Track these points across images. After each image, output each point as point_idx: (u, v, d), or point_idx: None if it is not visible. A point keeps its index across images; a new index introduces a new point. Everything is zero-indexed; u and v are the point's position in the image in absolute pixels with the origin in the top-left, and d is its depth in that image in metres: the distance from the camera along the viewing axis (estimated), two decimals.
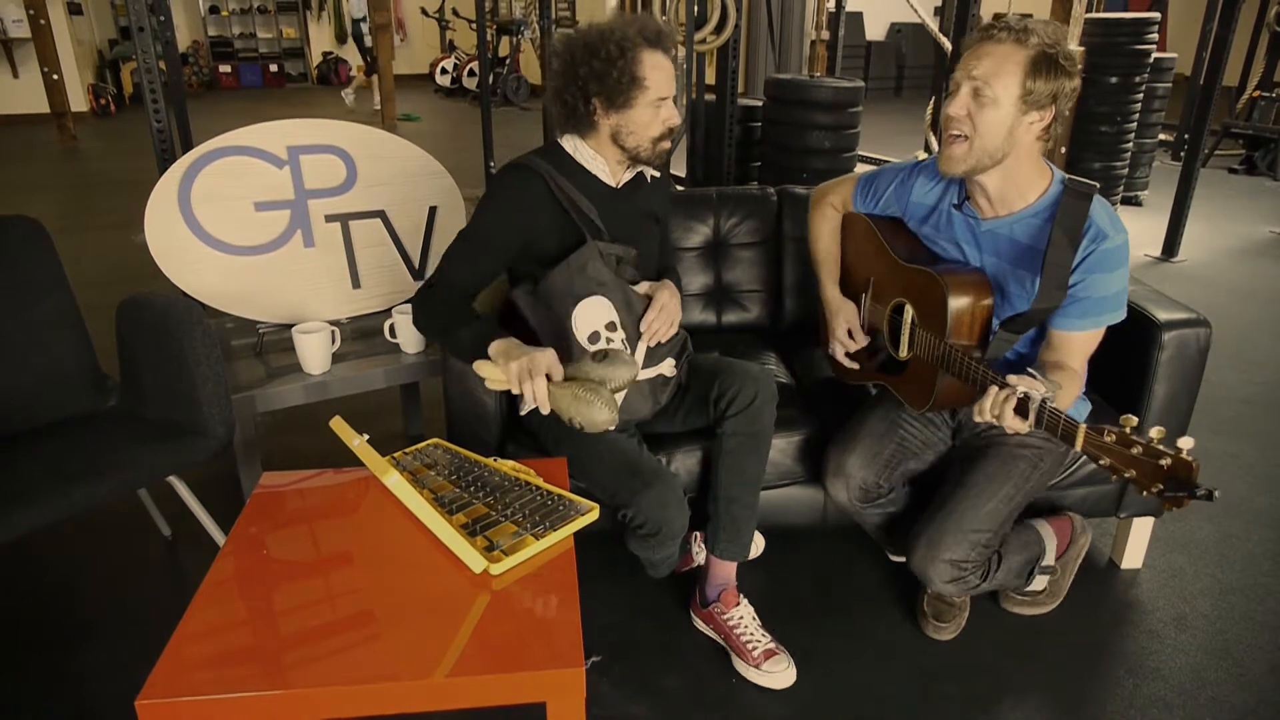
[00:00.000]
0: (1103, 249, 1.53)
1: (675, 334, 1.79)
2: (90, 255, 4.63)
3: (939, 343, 1.60)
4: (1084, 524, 1.99)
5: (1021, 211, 1.62)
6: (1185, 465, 1.17)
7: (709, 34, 4.61)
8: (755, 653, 1.76)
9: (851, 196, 1.91)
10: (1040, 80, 1.48)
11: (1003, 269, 1.66)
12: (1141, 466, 1.21)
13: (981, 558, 1.70)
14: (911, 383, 1.74)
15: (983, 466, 1.72)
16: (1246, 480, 2.53)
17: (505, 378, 1.54)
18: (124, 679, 1.70)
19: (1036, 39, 1.47)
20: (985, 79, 1.49)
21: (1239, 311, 3.97)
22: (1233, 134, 7.15)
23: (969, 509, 1.67)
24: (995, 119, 1.51)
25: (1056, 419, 1.33)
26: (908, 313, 1.72)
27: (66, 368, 1.99)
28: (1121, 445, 1.24)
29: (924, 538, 1.69)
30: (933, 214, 1.76)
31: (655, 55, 1.63)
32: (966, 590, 1.74)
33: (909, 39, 11.97)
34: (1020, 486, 1.71)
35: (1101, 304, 1.56)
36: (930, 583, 1.72)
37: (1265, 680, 1.79)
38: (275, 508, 1.45)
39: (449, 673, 1.08)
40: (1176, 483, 1.18)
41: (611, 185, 1.78)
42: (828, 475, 1.84)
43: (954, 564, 1.67)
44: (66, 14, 9.22)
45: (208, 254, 2.16)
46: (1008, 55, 1.48)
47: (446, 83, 11.47)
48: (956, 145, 1.56)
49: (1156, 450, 1.20)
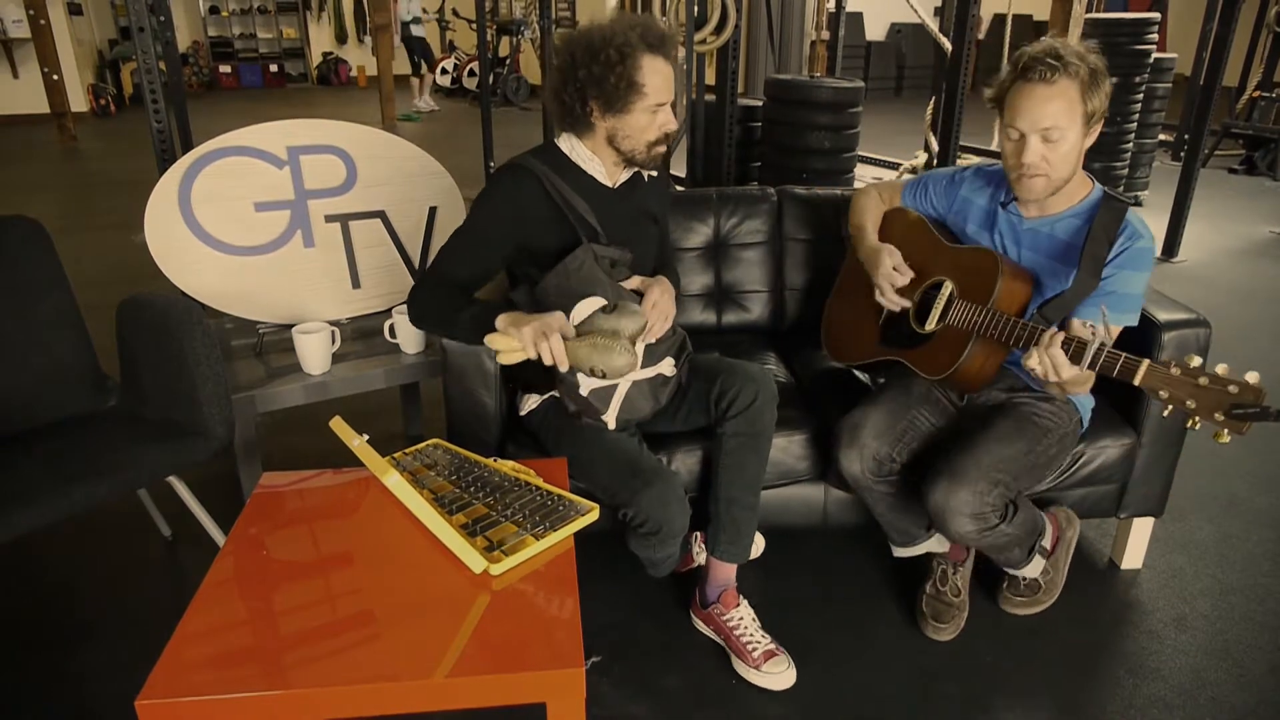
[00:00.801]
0: (1136, 247, 1.63)
1: (673, 333, 1.79)
2: (90, 255, 4.63)
3: (980, 310, 1.66)
4: (1070, 515, 2.00)
5: (1064, 212, 1.71)
6: (1254, 390, 1.29)
7: (709, 34, 4.61)
8: (755, 654, 1.76)
9: (899, 195, 1.98)
10: (1094, 99, 1.58)
11: (1041, 264, 1.74)
12: (1206, 395, 1.32)
13: (1000, 500, 1.67)
14: (931, 353, 1.77)
15: (1001, 420, 1.76)
16: (1246, 480, 2.53)
17: (518, 344, 1.55)
18: (124, 679, 1.69)
19: (1076, 65, 1.55)
20: (1056, 122, 1.57)
21: (1239, 312, 3.97)
22: (1233, 134, 7.15)
23: (990, 450, 1.69)
24: (1067, 151, 1.61)
25: (1115, 358, 1.42)
26: (946, 287, 1.77)
27: (66, 368, 1.99)
28: (1187, 377, 1.34)
29: (945, 472, 1.67)
30: (980, 211, 1.83)
31: (655, 60, 1.63)
32: (984, 530, 1.67)
33: (909, 39, 11.98)
34: (1033, 446, 1.73)
35: (1125, 301, 1.63)
36: (950, 520, 1.66)
37: (1265, 681, 1.79)
38: (275, 508, 1.45)
39: (449, 673, 1.08)
40: (1244, 407, 1.29)
41: (608, 186, 1.77)
42: (841, 446, 1.80)
43: (977, 495, 1.63)
44: (66, 14, 9.22)
45: (208, 254, 2.16)
46: (1066, 93, 1.56)
47: (447, 83, 11.48)
48: (1039, 182, 1.64)
49: (1224, 379, 1.31)
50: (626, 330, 1.56)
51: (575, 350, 1.53)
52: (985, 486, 1.64)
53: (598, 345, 1.51)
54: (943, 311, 1.77)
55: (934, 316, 1.78)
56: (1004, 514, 1.69)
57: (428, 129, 9.10)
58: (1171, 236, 4.75)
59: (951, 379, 1.72)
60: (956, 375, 1.71)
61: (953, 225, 1.90)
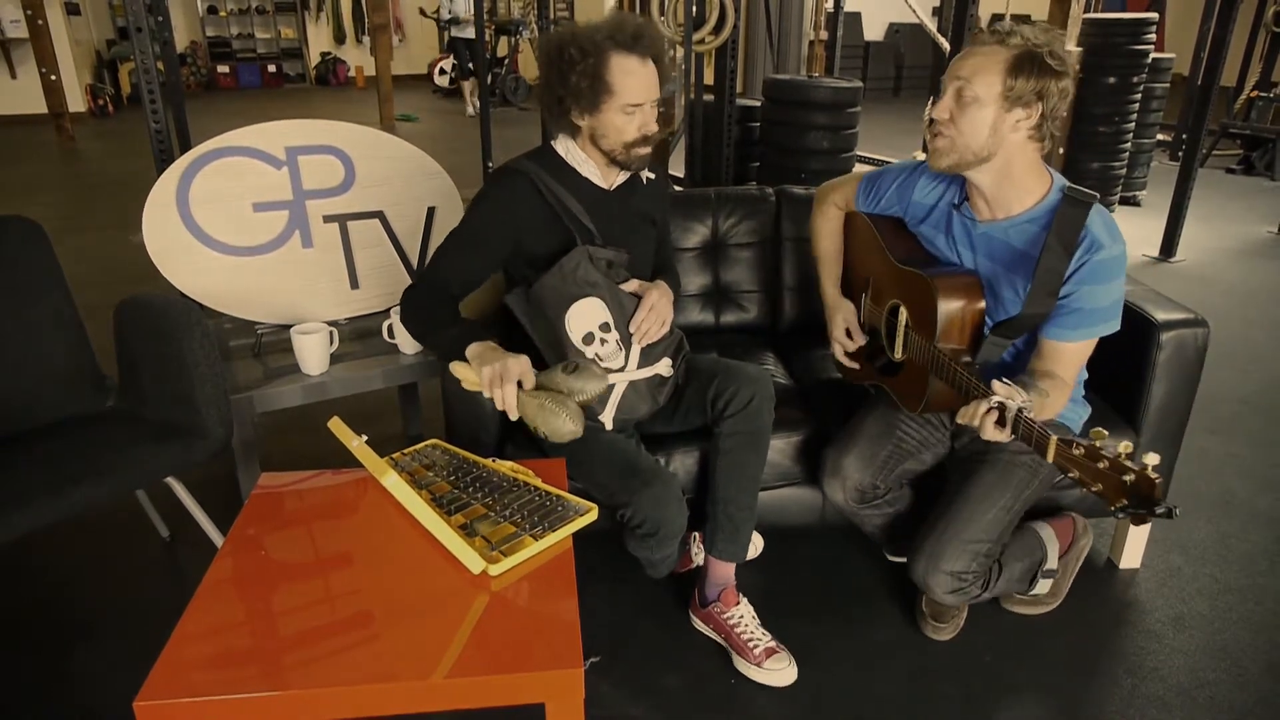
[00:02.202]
0: (1097, 259, 1.52)
1: (670, 334, 1.79)
2: (88, 256, 4.63)
3: (929, 346, 1.61)
4: (1086, 524, 1.99)
5: (1018, 216, 1.61)
6: (1148, 481, 1.16)
7: (707, 34, 4.61)
8: (756, 651, 1.76)
9: (854, 196, 1.91)
10: (1022, 78, 1.49)
11: (996, 272, 1.65)
12: (1107, 481, 1.20)
13: (982, 568, 1.71)
14: (906, 384, 1.75)
15: (981, 477, 1.72)
16: (1244, 480, 2.53)
17: (478, 380, 1.55)
18: (122, 680, 1.69)
19: (1020, 39, 1.50)
20: (967, 78, 1.52)
21: (1237, 311, 3.98)
22: (1230, 134, 7.15)
23: (968, 521, 1.68)
24: (977, 117, 1.52)
25: (1031, 429, 1.33)
26: (902, 314, 1.73)
27: (65, 368, 1.99)
28: (1090, 459, 1.23)
29: (924, 551, 1.70)
30: (931, 213, 1.76)
31: (628, 59, 1.60)
32: (967, 600, 1.77)
33: (907, 39, 11.97)
34: (1019, 495, 1.71)
35: (1094, 315, 1.55)
36: (931, 593, 1.73)
37: (1263, 680, 1.79)
38: (274, 509, 1.45)
39: (448, 674, 1.08)
40: (1139, 498, 1.17)
41: (604, 188, 1.77)
42: (825, 476, 1.85)
43: (955, 575, 1.68)
44: (64, 14, 9.21)
45: (206, 254, 2.16)
46: (989, 54, 1.51)
47: (445, 83, 11.47)
48: (940, 140, 1.58)
49: (1121, 465, 1.18)
50: (583, 394, 1.53)
51: (525, 404, 1.52)
52: (965, 562, 1.68)
53: (545, 407, 1.49)
54: (904, 342, 1.73)
55: (898, 345, 1.75)
56: (985, 582, 1.75)
57: (426, 129, 9.09)
58: (1169, 236, 4.76)
59: (927, 410, 1.69)
60: (930, 408, 1.68)
61: (911, 227, 1.82)
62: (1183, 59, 7.03)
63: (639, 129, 1.66)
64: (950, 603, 1.79)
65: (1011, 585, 1.85)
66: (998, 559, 1.77)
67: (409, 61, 13.02)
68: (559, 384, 1.54)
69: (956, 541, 1.67)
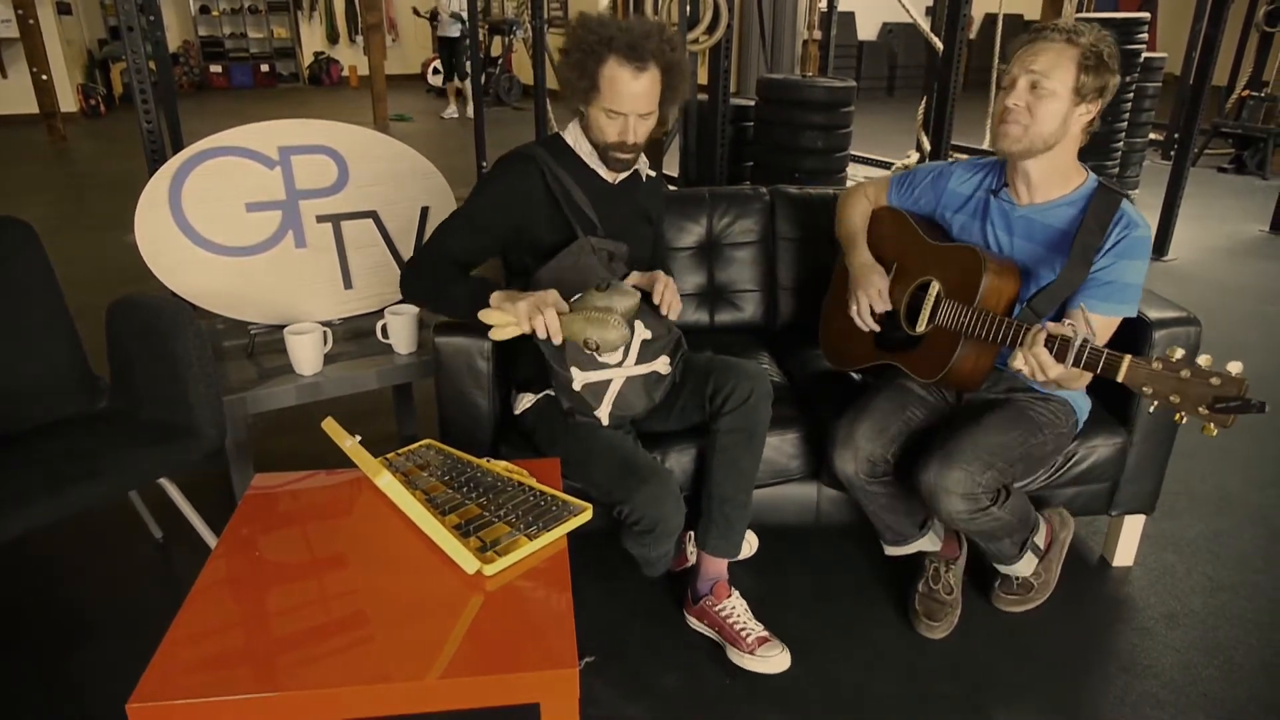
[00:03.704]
0: (1133, 236, 1.63)
1: (668, 332, 1.79)
2: (80, 256, 4.61)
3: (968, 310, 1.66)
4: (1063, 518, 2.00)
5: (1057, 200, 1.72)
6: (1236, 382, 1.28)
7: (701, 34, 4.61)
8: (749, 639, 1.77)
9: (886, 191, 1.98)
10: (1090, 75, 1.61)
11: (1034, 252, 1.73)
12: (1189, 388, 1.31)
13: (993, 483, 1.67)
14: (924, 355, 1.77)
15: (997, 411, 1.77)
16: (1238, 477, 2.54)
17: (513, 319, 1.56)
18: (115, 682, 1.69)
19: (1085, 39, 1.61)
20: (1044, 72, 1.61)
21: (1229, 310, 3.99)
22: (1222, 133, 7.18)
23: (985, 435, 1.70)
24: (1052, 109, 1.62)
25: (1099, 354, 1.41)
26: (933, 288, 1.77)
27: (57, 370, 1.98)
28: (1169, 371, 1.33)
29: (939, 453, 1.67)
30: (968, 202, 1.84)
31: (622, 69, 1.61)
32: (975, 511, 1.66)
33: (901, 39, 12.00)
34: (1026, 439, 1.73)
35: (1125, 291, 1.64)
36: (942, 499, 1.65)
37: (1256, 677, 1.80)
38: (267, 509, 1.45)
39: (442, 674, 1.08)
40: (1226, 400, 1.28)
41: (609, 181, 1.78)
42: (835, 447, 1.81)
43: (969, 475, 1.63)
44: (55, 14, 9.17)
45: (198, 255, 2.15)
46: (1062, 52, 1.61)
47: (438, 83, 11.45)
48: (1014, 127, 1.65)
49: (1207, 371, 1.30)
50: (619, 307, 1.57)
51: (570, 324, 1.55)
52: (978, 467, 1.65)
53: (592, 318, 1.53)
54: (931, 312, 1.76)
55: (924, 317, 1.78)
56: (995, 497, 1.70)
57: (420, 129, 9.08)
58: (1162, 235, 4.77)
59: (945, 380, 1.72)
60: (950, 376, 1.71)
61: (941, 220, 1.89)
62: (1174, 59, 7.06)
63: (619, 134, 1.68)
64: (958, 513, 1.66)
65: (1014, 521, 1.77)
66: (1006, 487, 1.73)
67: (402, 61, 13.01)
68: (594, 302, 1.57)
69: (972, 447, 1.67)
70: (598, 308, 1.56)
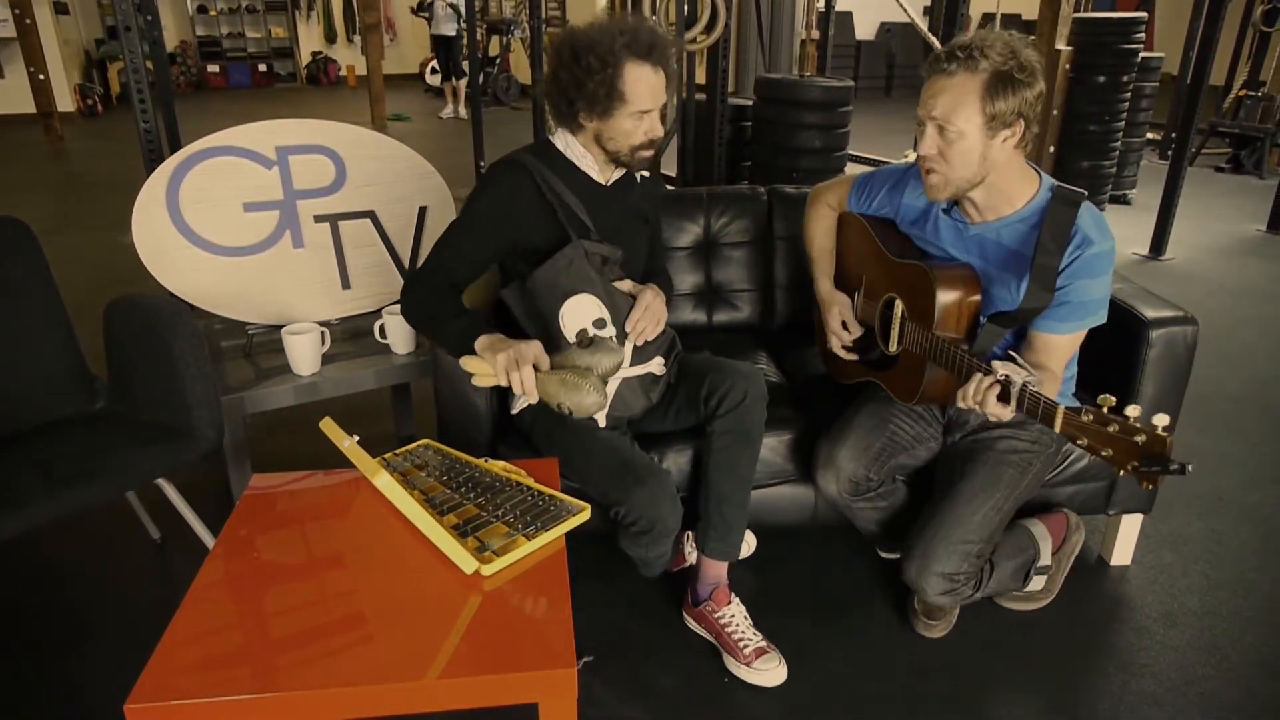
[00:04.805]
0: (1088, 254, 1.54)
1: (663, 333, 1.79)
2: (78, 256, 4.60)
3: (926, 334, 1.62)
4: (1078, 521, 2.00)
5: (1009, 217, 1.63)
6: (1159, 440, 1.19)
7: (699, 33, 4.61)
8: (746, 650, 1.76)
9: (847, 197, 1.93)
10: (1000, 101, 1.47)
11: (989, 272, 1.67)
12: (1117, 444, 1.23)
13: (974, 568, 1.72)
14: (901, 376, 1.76)
15: (971, 476, 1.72)
16: (1235, 477, 2.55)
17: (492, 371, 1.55)
18: (113, 683, 1.69)
19: (987, 61, 1.46)
20: (945, 117, 1.51)
21: (1226, 309, 4.00)
22: (1219, 133, 7.19)
23: (958, 522, 1.68)
24: (964, 149, 1.52)
25: (1036, 402, 1.35)
26: (898, 307, 1.74)
27: (54, 370, 1.98)
28: (1098, 424, 1.26)
29: (915, 553, 1.71)
30: (922, 218, 1.77)
31: (641, 68, 1.62)
32: (960, 600, 1.77)
33: (898, 38, 12.01)
34: (1009, 493, 1.72)
35: (1084, 308, 1.57)
36: (924, 594, 1.73)
37: (1253, 675, 1.80)
38: (265, 510, 1.45)
39: (440, 674, 1.08)
40: (1151, 459, 1.20)
41: (601, 183, 1.78)
42: (818, 468, 1.84)
43: (946, 577, 1.69)
44: (53, 14, 9.16)
45: (196, 255, 2.15)
46: (961, 86, 1.49)
47: (436, 83, 11.44)
48: (933, 176, 1.59)
49: (1131, 428, 1.21)
50: (601, 367, 1.55)
51: (545, 384, 1.53)
52: (956, 563, 1.68)
53: (567, 382, 1.51)
54: (899, 333, 1.74)
55: (894, 338, 1.76)
56: (977, 582, 1.76)
57: (418, 129, 9.07)
58: (1159, 234, 4.78)
59: (922, 400, 1.71)
60: (925, 398, 1.69)
61: (902, 228, 1.83)
62: (1172, 58, 7.07)
63: (645, 133, 1.68)
64: (943, 604, 1.80)
65: (1004, 584, 1.86)
66: (989, 559, 1.78)
67: (400, 61, 13.00)
68: (575, 361, 1.56)
69: (947, 543, 1.67)
70: (577, 368, 1.54)
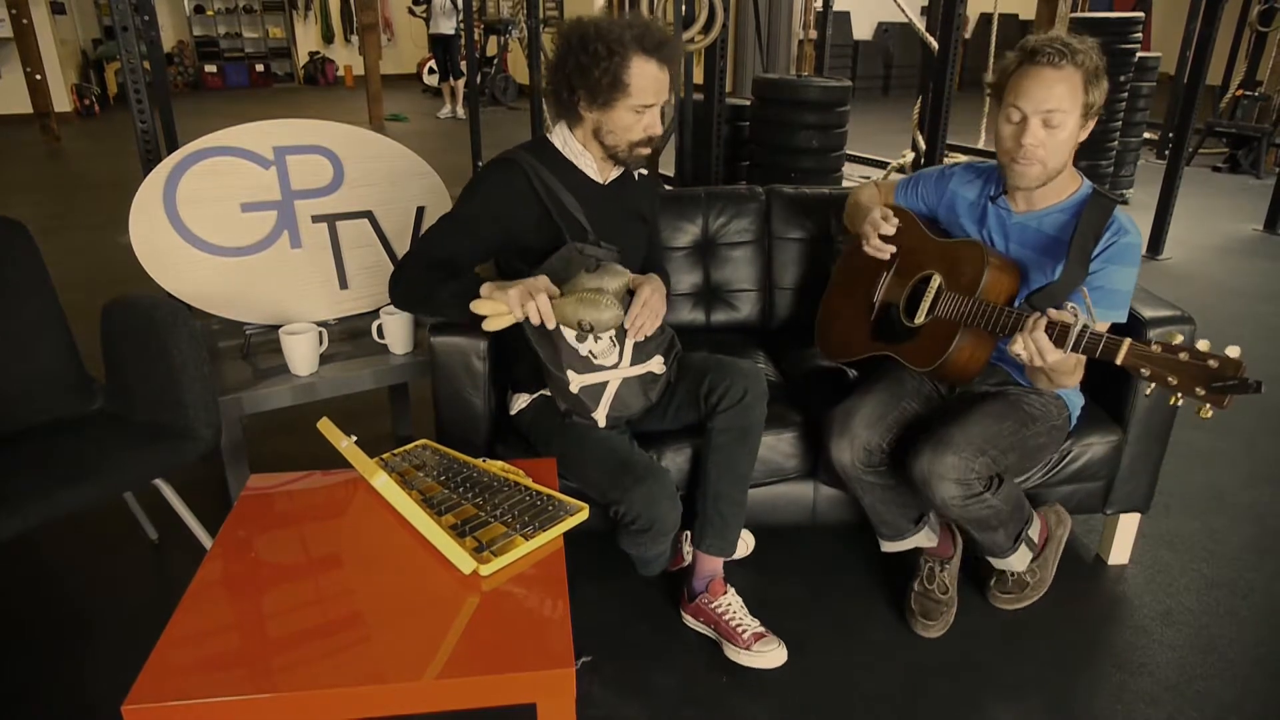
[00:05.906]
0: (1123, 241, 1.64)
1: (662, 332, 1.79)
2: (74, 257, 4.59)
3: (967, 300, 1.67)
4: (1059, 515, 2.01)
5: (1052, 206, 1.73)
6: (1233, 363, 1.29)
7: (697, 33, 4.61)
8: (745, 635, 1.77)
9: (893, 191, 1.99)
10: (1094, 92, 1.60)
11: (1029, 258, 1.74)
12: (1186, 370, 1.33)
13: (986, 469, 1.67)
14: (921, 345, 1.78)
15: (990, 401, 1.77)
16: (1232, 476, 2.55)
17: (505, 308, 1.56)
18: (111, 683, 1.69)
19: (1084, 55, 1.57)
20: (1059, 107, 1.58)
21: (1223, 308, 4.00)
22: (1216, 133, 7.20)
23: (978, 422, 1.70)
24: (1064, 139, 1.62)
25: (1098, 338, 1.42)
26: (934, 281, 1.78)
27: (51, 370, 1.98)
28: (1168, 353, 1.35)
29: (932, 440, 1.67)
30: (970, 206, 1.85)
31: (647, 63, 1.63)
32: (969, 497, 1.66)
33: (896, 38, 12.02)
34: (1019, 429, 1.73)
35: (1113, 296, 1.65)
36: (935, 486, 1.65)
37: (1251, 674, 1.81)
38: (263, 510, 1.45)
39: (438, 674, 1.08)
40: (1223, 381, 1.29)
41: (599, 182, 1.78)
42: (832, 436, 1.80)
43: (963, 461, 1.63)
44: (49, 13, 9.14)
45: (193, 255, 2.15)
46: (1070, 79, 1.58)
47: (434, 83, 11.44)
48: (1034, 168, 1.64)
49: (1204, 354, 1.31)
50: (610, 286, 1.59)
51: (562, 307, 1.55)
52: (971, 453, 1.65)
53: (584, 299, 1.53)
54: (931, 304, 1.77)
55: (923, 309, 1.79)
56: (989, 484, 1.69)
57: (415, 129, 9.07)
58: (1156, 234, 4.79)
59: (941, 369, 1.73)
60: (945, 365, 1.72)
61: (944, 220, 1.91)
62: (1169, 58, 7.08)
63: (645, 129, 1.69)
64: (951, 499, 1.65)
65: (1007, 510, 1.76)
66: (999, 475, 1.72)
67: (398, 61, 12.99)
68: (586, 283, 1.59)
69: (963, 435, 1.66)
70: (589, 289, 1.57)
